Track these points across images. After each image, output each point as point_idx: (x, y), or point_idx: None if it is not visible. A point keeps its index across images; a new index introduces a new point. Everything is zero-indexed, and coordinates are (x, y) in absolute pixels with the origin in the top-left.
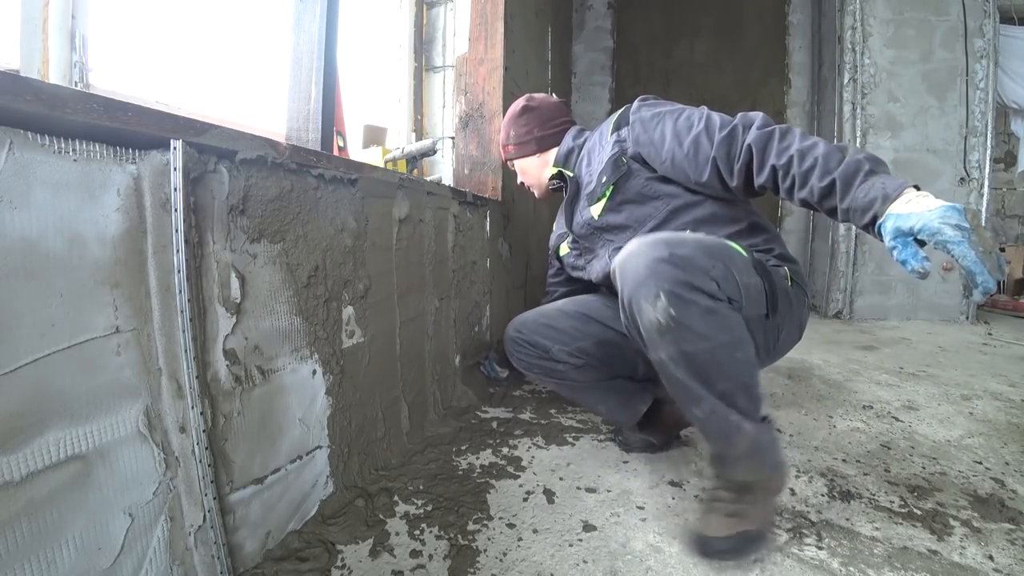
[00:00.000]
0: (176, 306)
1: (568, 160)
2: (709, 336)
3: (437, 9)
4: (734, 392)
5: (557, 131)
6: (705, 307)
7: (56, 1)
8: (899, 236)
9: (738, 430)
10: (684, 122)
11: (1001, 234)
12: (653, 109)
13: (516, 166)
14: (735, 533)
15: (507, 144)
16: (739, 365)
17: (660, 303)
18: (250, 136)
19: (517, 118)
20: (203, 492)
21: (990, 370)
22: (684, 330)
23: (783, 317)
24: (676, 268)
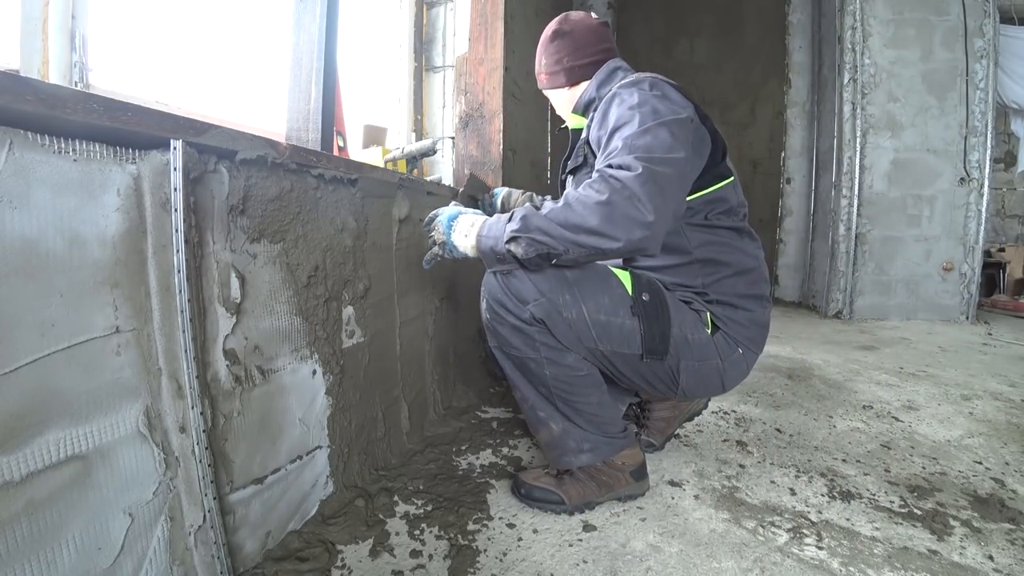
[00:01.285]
0: (176, 306)
1: (587, 110)
2: (518, 347)
3: (437, 9)
4: (551, 397)
5: (591, 62)
6: (512, 324)
7: (56, 1)
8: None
9: (543, 424)
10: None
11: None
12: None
13: (549, 96)
14: (540, 486)
15: (540, 72)
16: (552, 380)
17: (483, 305)
18: (250, 136)
19: (549, 43)
20: (203, 492)
21: (990, 370)
22: (498, 335)
23: (679, 362)
24: (499, 288)
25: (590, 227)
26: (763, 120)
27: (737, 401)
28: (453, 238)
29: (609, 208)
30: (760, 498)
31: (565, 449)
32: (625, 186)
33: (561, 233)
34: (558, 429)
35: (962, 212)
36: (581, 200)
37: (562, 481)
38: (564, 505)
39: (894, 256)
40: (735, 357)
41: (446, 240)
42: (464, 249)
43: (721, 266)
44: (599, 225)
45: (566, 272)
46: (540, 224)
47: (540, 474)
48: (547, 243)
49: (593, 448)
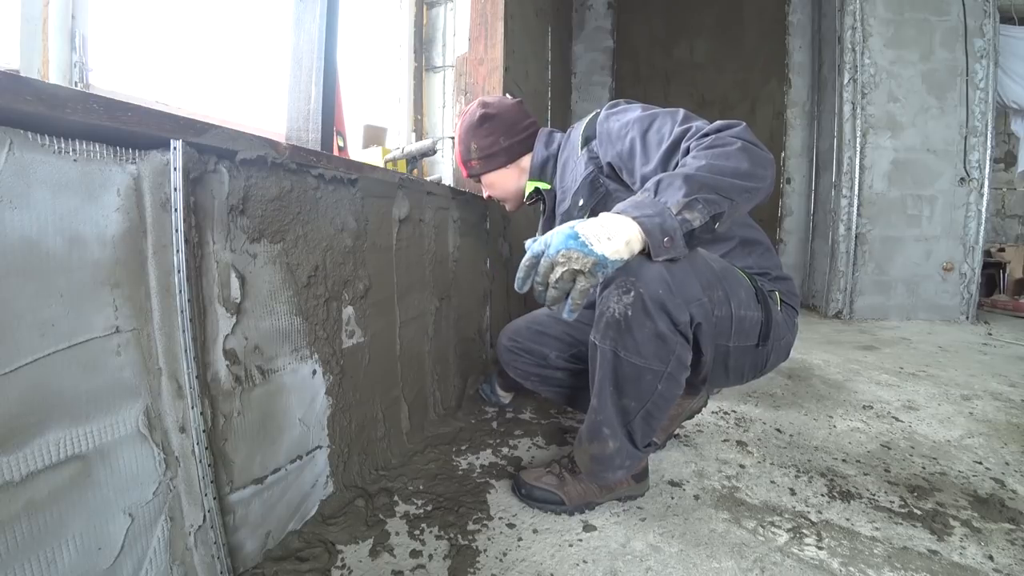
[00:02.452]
0: (176, 306)
1: (544, 171)
2: (645, 355)
3: (437, 9)
4: (634, 412)
5: (526, 136)
6: (657, 331)
7: (56, 1)
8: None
9: (602, 440)
10: (654, 135)
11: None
12: (621, 119)
13: (483, 180)
14: (541, 486)
15: (470, 159)
16: (655, 395)
17: (627, 298)
18: (250, 136)
19: (477, 128)
20: (203, 492)
21: (990, 370)
22: (628, 335)
23: (773, 344)
24: (662, 282)
25: (745, 170)
26: (763, 120)
27: (737, 401)
28: (600, 250)
29: (748, 151)
30: (760, 498)
31: (611, 466)
32: (743, 136)
33: (728, 183)
34: (614, 447)
35: (962, 212)
36: (718, 153)
37: (563, 481)
38: (564, 506)
39: (894, 256)
40: (795, 327)
41: (597, 259)
42: (619, 255)
43: (758, 244)
44: (751, 167)
45: (712, 265)
46: (705, 179)
47: (541, 474)
48: (717, 200)
49: (630, 465)
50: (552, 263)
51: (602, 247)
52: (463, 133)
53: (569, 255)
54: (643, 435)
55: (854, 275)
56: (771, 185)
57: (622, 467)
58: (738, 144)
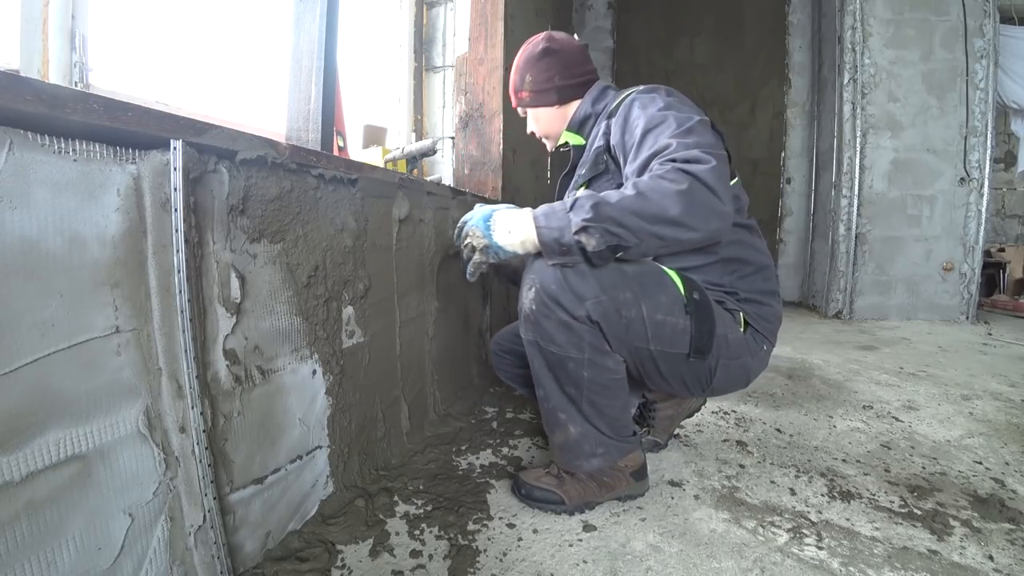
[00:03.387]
0: (176, 306)
1: (583, 127)
2: (559, 343)
3: (437, 9)
4: (577, 399)
5: (581, 81)
6: (560, 320)
7: (56, 1)
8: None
9: (561, 426)
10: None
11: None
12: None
13: (530, 114)
14: (541, 486)
15: (522, 90)
16: (587, 382)
17: (530, 294)
18: (250, 136)
19: (537, 61)
20: (203, 492)
21: (990, 370)
22: (540, 329)
23: (718, 360)
24: (556, 280)
25: (670, 217)
26: (763, 120)
27: (737, 401)
28: (496, 239)
29: (690, 198)
30: (760, 498)
31: (579, 453)
32: (699, 177)
33: (638, 224)
34: (576, 432)
35: (962, 212)
36: (657, 190)
37: (563, 481)
38: (564, 505)
39: (894, 256)
40: (761, 353)
41: (489, 243)
42: (512, 247)
43: (743, 264)
44: (680, 215)
45: (626, 268)
46: (614, 213)
47: (541, 474)
48: (621, 234)
49: (606, 452)
50: (465, 233)
51: (499, 237)
52: (522, 62)
53: (474, 232)
54: (606, 423)
55: (854, 275)
56: (706, 236)
57: (594, 454)
58: (684, 185)
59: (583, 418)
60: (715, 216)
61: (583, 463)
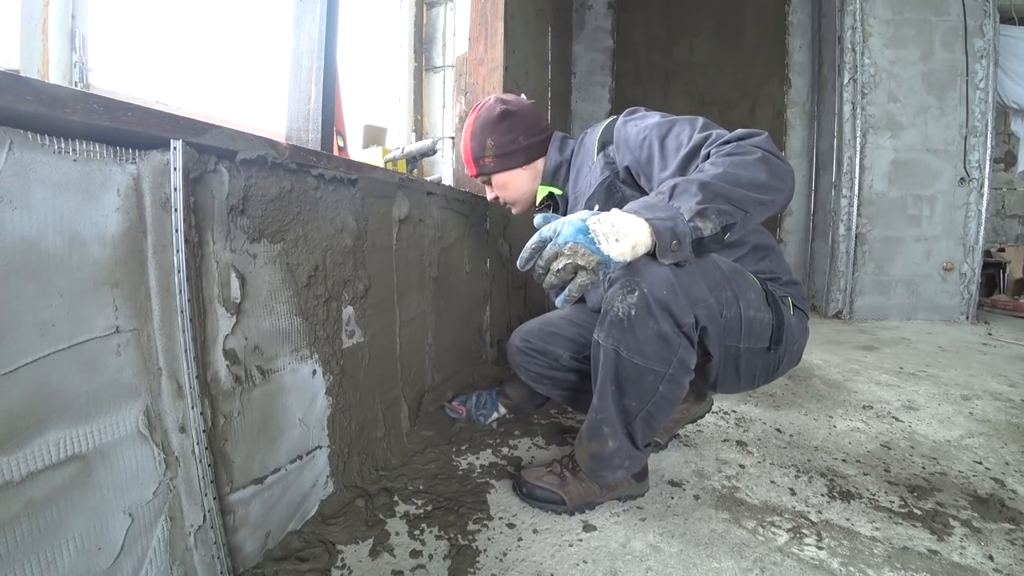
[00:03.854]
0: (176, 306)
1: (556, 176)
2: (648, 356)
3: (437, 9)
4: (635, 413)
5: (542, 138)
6: (660, 331)
7: (56, 1)
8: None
9: (601, 439)
10: (673, 141)
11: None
12: (639, 124)
13: (494, 180)
14: (542, 486)
15: (483, 156)
16: (656, 396)
17: (631, 298)
18: (250, 136)
19: (496, 124)
20: (203, 492)
21: (990, 370)
22: (631, 335)
23: (786, 348)
24: (667, 283)
25: (762, 182)
26: (763, 120)
27: (737, 401)
28: (607, 250)
29: (768, 162)
30: (760, 498)
31: (609, 465)
32: (762, 146)
33: (742, 194)
34: (613, 446)
35: (962, 212)
36: (738, 163)
37: (564, 481)
38: (565, 505)
39: (894, 256)
40: (806, 332)
41: (601, 258)
42: (623, 256)
43: (769, 249)
44: (768, 179)
45: (720, 266)
46: (720, 190)
47: (542, 473)
48: (730, 211)
49: (630, 465)
50: (557, 252)
51: (609, 247)
52: (477, 128)
53: (576, 249)
54: (643, 436)
55: (854, 275)
56: (788, 197)
57: (621, 467)
58: (758, 154)
59: (626, 433)
60: (789, 175)
61: (609, 475)
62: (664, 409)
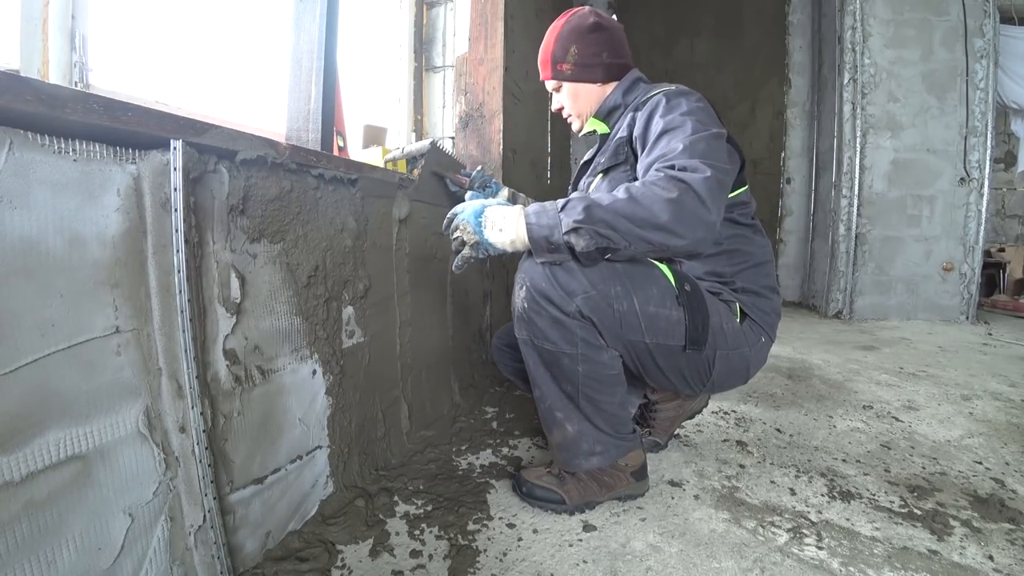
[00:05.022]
0: (176, 306)
1: (610, 116)
2: (553, 340)
3: (437, 9)
4: (575, 396)
5: (623, 63)
6: (552, 316)
7: (56, 1)
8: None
9: (558, 425)
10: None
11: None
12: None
13: (566, 88)
14: (542, 485)
15: (563, 62)
16: (582, 377)
17: (521, 292)
18: (250, 136)
19: (587, 34)
20: (203, 492)
21: (990, 370)
22: (533, 327)
23: (715, 351)
24: (544, 278)
25: (659, 223)
26: (763, 120)
27: (737, 401)
28: (487, 235)
29: (679, 206)
30: (760, 498)
31: (577, 452)
32: (692, 187)
33: (628, 227)
34: (573, 431)
35: (962, 212)
36: (648, 196)
37: (563, 481)
38: (565, 505)
39: (894, 256)
40: (759, 345)
41: (479, 240)
42: (502, 245)
43: (745, 256)
44: (668, 222)
45: (615, 263)
46: (605, 216)
47: (542, 473)
48: (611, 237)
49: (604, 451)
50: (455, 226)
51: (488, 233)
52: (565, 32)
53: (464, 227)
54: (604, 420)
55: (854, 275)
56: (692, 245)
57: (593, 452)
58: (674, 194)
59: (581, 416)
60: (701, 226)
61: (582, 462)
62: (600, 390)
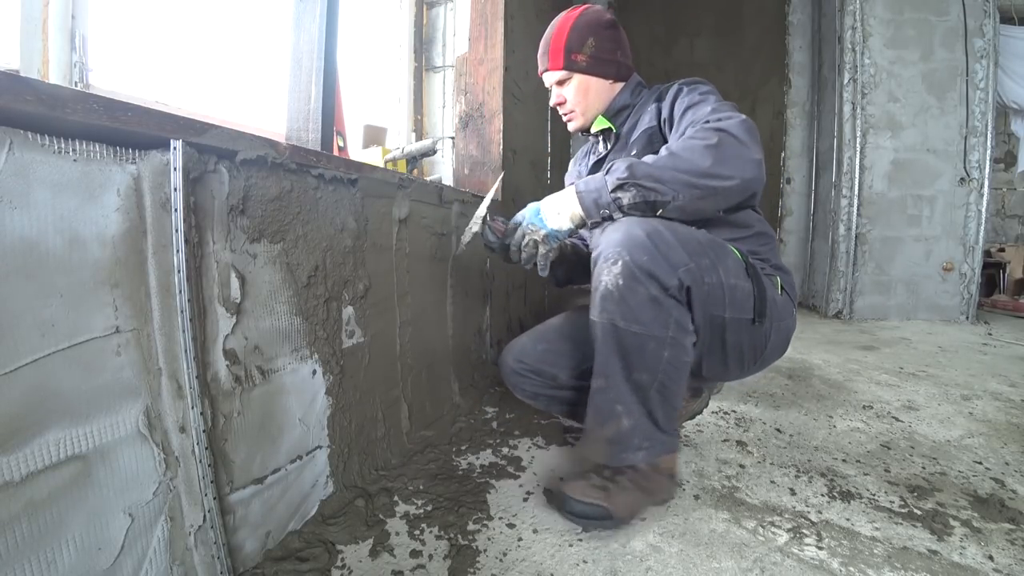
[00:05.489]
0: (176, 306)
1: (618, 115)
2: (644, 322)
3: (437, 9)
4: (648, 386)
5: (629, 67)
6: (650, 295)
7: (56, 1)
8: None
9: (615, 418)
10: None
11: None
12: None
13: (576, 81)
14: (591, 502)
15: (579, 52)
16: (664, 364)
17: (615, 268)
18: (250, 136)
19: (604, 29)
20: (203, 492)
21: (990, 370)
22: (624, 304)
23: (771, 324)
24: (647, 250)
25: (703, 169)
26: (763, 120)
27: (737, 401)
28: (551, 224)
29: (720, 149)
30: (760, 498)
31: (628, 445)
32: (729, 131)
33: (673, 176)
34: (629, 424)
35: (962, 212)
36: (687, 148)
37: (609, 493)
38: (611, 520)
39: (894, 256)
40: (793, 317)
41: (547, 231)
42: (565, 227)
43: (769, 237)
44: (712, 166)
45: (697, 236)
46: (648, 171)
47: (584, 486)
48: (657, 189)
49: (651, 446)
50: (523, 233)
51: (551, 221)
52: (582, 22)
53: (532, 229)
54: (664, 413)
55: (854, 275)
56: (743, 185)
57: (641, 447)
58: (713, 140)
59: (642, 409)
60: (748, 164)
61: (629, 456)
62: (675, 379)
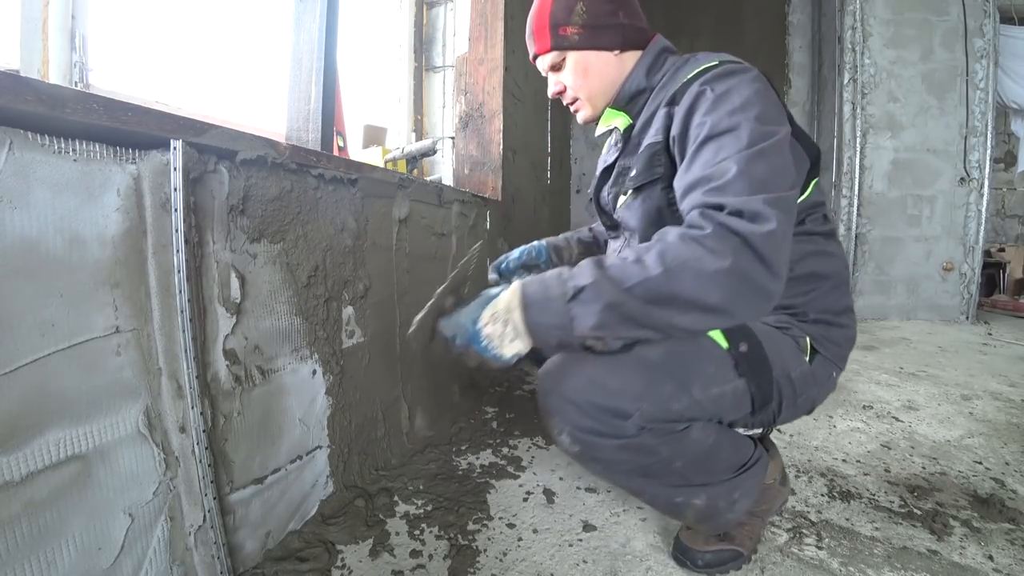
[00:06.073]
0: (176, 306)
1: (632, 103)
2: (628, 461)
3: (437, 9)
4: (678, 484)
5: (644, 28)
6: (615, 446)
7: (56, 1)
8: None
9: (687, 507)
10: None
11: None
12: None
13: (571, 60)
14: (713, 549)
15: (566, 24)
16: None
17: (566, 440)
18: (250, 136)
19: None
20: (203, 492)
21: (990, 370)
22: (601, 463)
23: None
24: (586, 413)
25: (707, 304)
26: None
27: None
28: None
29: (733, 278)
30: None
31: (719, 514)
32: (750, 244)
33: (665, 319)
34: (703, 502)
35: (962, 212)
36: (690, 265)
37: (729, 534)
38: (743, 557)
39: (894, 256)
40: (829, 382)
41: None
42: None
43: (820, 280)
44: (720, 301)
45: (648, 355)
46: (632, 311)
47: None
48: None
49: (744, 492)
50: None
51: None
52: None
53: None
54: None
55: (854, 275)
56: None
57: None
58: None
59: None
60: (762, 299)
61: (730, 517)
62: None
